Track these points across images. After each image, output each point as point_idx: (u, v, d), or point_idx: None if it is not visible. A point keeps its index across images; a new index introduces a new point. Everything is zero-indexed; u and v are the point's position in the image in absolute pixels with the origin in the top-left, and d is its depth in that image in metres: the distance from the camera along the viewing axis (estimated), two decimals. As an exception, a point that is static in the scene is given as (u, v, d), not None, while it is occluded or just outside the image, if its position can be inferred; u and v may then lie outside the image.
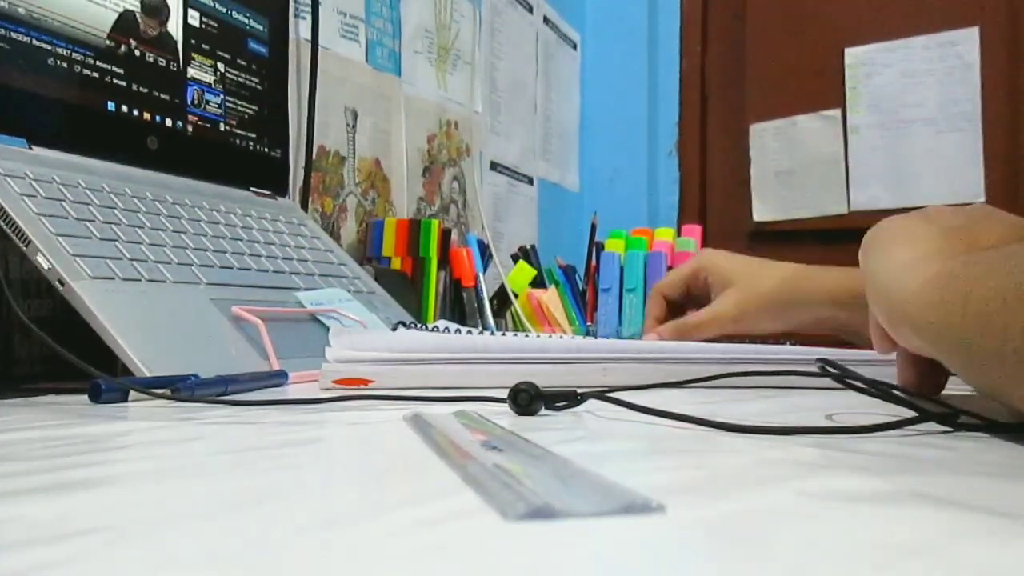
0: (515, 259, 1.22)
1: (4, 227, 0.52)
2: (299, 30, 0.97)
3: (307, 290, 0.70)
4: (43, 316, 0.59)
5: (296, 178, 0.95)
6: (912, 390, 0.43)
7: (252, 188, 0.80)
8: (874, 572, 0.16)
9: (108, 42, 0.65)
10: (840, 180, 1.68)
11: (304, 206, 0.94)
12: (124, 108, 0.67)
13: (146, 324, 0.52)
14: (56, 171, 0.58)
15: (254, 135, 0.81)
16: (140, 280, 0.55)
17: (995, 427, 0.34)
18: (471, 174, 1.37)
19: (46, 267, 0.51)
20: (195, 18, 0.74)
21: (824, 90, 1.69)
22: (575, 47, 1.85)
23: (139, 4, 0.68)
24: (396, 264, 1.01)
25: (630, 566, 0.16)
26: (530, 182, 1.62)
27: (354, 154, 1.09)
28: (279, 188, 0.85)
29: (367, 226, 1.07)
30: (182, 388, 0.43)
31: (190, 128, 0.73)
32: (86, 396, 0.43)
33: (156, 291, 0.56)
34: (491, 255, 1.12)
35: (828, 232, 1.64)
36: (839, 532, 0.19)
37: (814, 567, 0.17)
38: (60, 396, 0.48)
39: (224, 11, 0.77)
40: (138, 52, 0.68)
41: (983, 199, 1.55)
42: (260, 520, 0.20)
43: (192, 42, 0.73)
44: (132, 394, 0.45)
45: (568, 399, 0.39)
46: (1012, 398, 0.32)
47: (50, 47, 0.61)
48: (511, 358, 0.54)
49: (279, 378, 0.54)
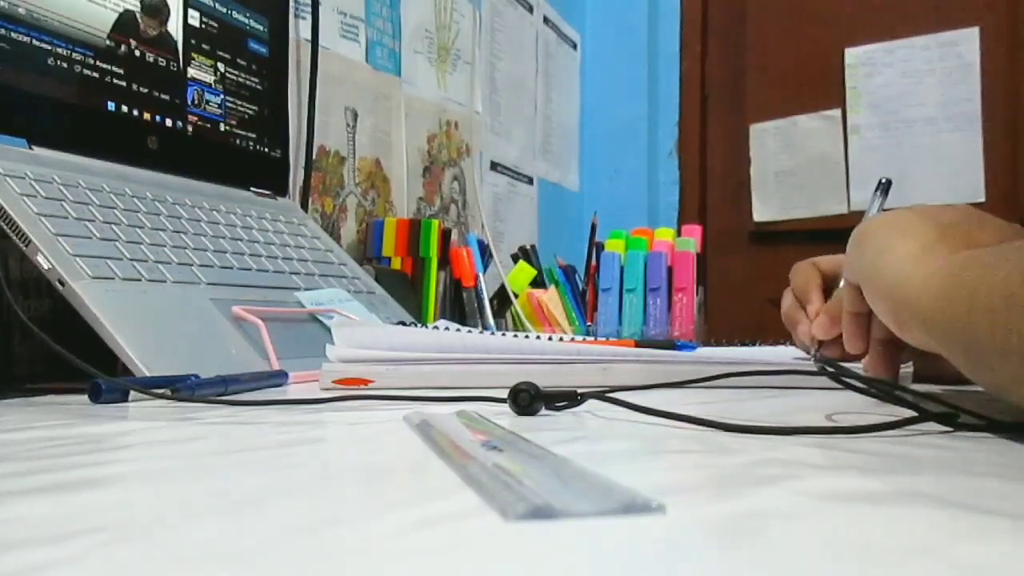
0: (515, 259, 1.22)
1: (4, 227, 0.52)
2: (299, 30, 0.97)
3: (307, 290, 0.70)
4: (43, 316, 0.59)
5: (296, 178, 0.95)
6: (883, 378, 0.44)
7: (252, 188, 0.80)
8: (874, 572, 0.16)
9: (108, 42, 0.65)
10: (840, 180, 1.68)
11: (304, 206, 0.94)
12: (124, 108, 0.67)
13: (146, 324, 0.52)
14: (56, 171, 0.58)
15: (254, 135, 0.81)
16: (140, 280, 0.55)
17: (995, 427, 0.34)
18: (471, 174, 1.37)
19: (46, 267, 0.51)
20: (195, 18, 0.74)
21: (824, 90, 1.69)
22: (575, 47, 1.85)
23: (139, 4, 0.68)
24: (396, 264, 1.01)
25: (630, 566, 0.16)
26: (530, 182, 1.62)
27: (354, 154, 1.09)
28: (279, 188, 0.85)
29: (367, 226, 1.07)
30: (182, 388, 0.43)
31: (190, 128, 0.73)
32: (86, 396, 0.43)
33: (156, 291, 0.56)
34: (491, 255, 1.12)
35: (828, 232, 1.63)
36: (839, 532, 0.19)
37: (814, 567, 0.17)
38: (60, 396, 0.48)
39: (224, 11, 0.77)
40: (138, 52, 0.68)
41: (983, 199, 1.55)
42: (260, 520, 0.20)
43: (192, 42, 0.73)
44: (132, 394, 0.45)
45: (568, 399, 0.39)
46: (1017, 395, 0.32)
47: (50, 47, 0.61)
48: (511, 358, 0.54)
49: (279, 378, 0.54)
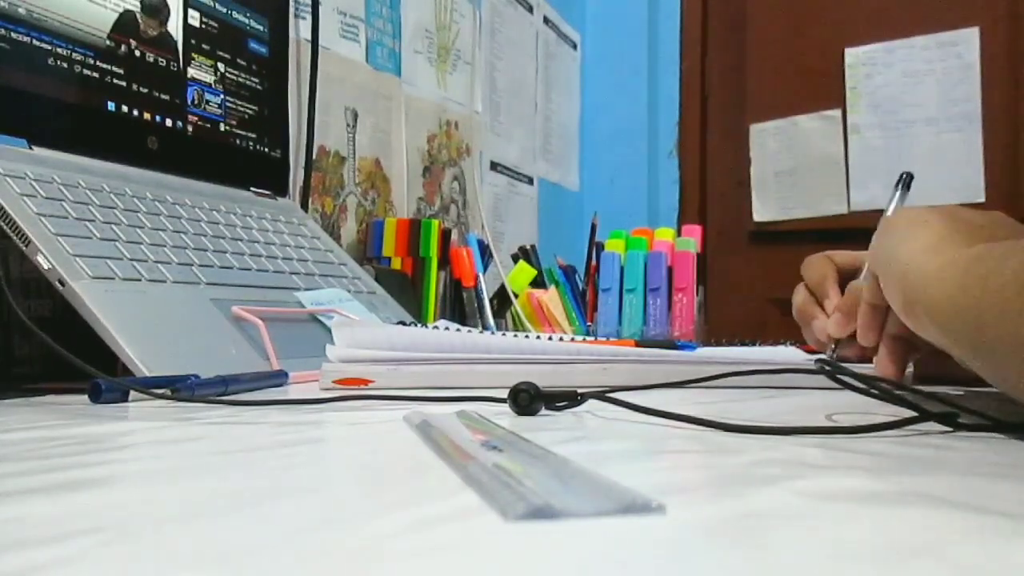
0: (515, 259, 1.22)
1: (4, 227, 0.52)
2: (299, 30, 0.97)
3: (307, 290, 0.70)
4: (43, 316, 0.59)
5: (296, 178, 0.95)
6: (892, 379, 0.44)
7: (252, 188, 0.80)
8: (874, 572, 0.16)
9: (108, 42, 0.65)
10: (840, 180, 1.68)
11: (304, 206, 0.94)
12: (124, 108, 0.67)
13: (146, 324, 0.52)
14: (56, 171, 0.58)
15: (254, 135, 0.81)
16: (140, 280, 0.55)
17: (995, 427, 0.34)
18: (471, 174, 1.36)
19: (46, 267, 0.51)
20: (195, 18, 0.74)
21: (824, 90, 1.69)
22: (575, 47, 1.85)
23: (139, 4, 0.68)
24: (396, 264, 1.01)
25: (630, 566, 0.16)
26: (530, 182, 1.62)
27: (354, 154, 1.09)
28: (279, 188, 0.85)
29: (367, 226, 1.07)
30: (182, 388, 0.43)
31: (190, 128, 0.73)
32: (86, 396, 0.43)
33: (156, 291, 0.56)
34: (491, 255, 1.12)
35: (828, 232, 1.63)
36: (839, 532, 0.19)
37: (814, 567, 0.17)
38: (60, 396, 0.48)
39: (224, 11, 0.77)
40: (138, 52, 0.68)
41: (983, 199, 1.55)
42: (260, 520, 0.20)
43: (192, 42, 0.73)
44: (132, 394, 0.45)
45: (568, 399, 0.39)
46: (1021, 386, 0.31)
47: (50, 47, 0.61)
48: (511, 358, 0.54)
49: (279, 378, 0.54)
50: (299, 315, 0.66)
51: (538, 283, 1.17)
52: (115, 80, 0.66)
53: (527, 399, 0.38)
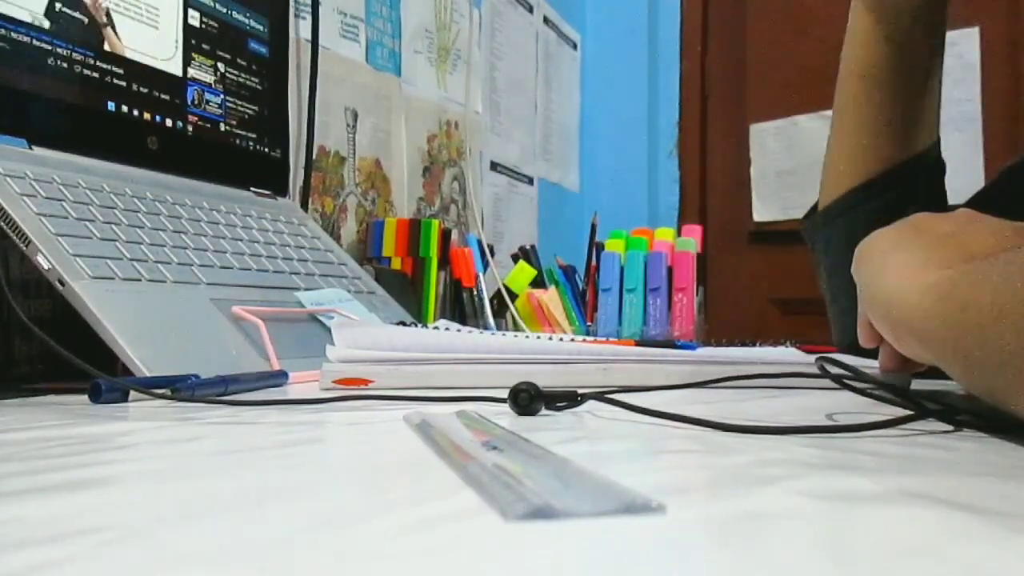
0: (515, 259, 1.22)
1: (4, 227, 0.52)
2: (299, 30, 0.97)
3: (307, 290, 0.70)
4: (43, 316, 0.59)
5: (296, 178, 0.95)
6: (895, 372, 0.44)
7: (252, 188, 0.80)
8: (874, 572, 0.16)
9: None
10: (840, 180, 1.68)
11: (304, 206, 0.94)
12: (124, 108, 0.67)
13: (146, 324, 0.52)
14: (56, 171, 0.58)
15: (254, 135, 0.81)
16: (140, 280, 0.55)
17: (995, 427, 0.34)
18: (471, 174, 1.36)
19: (46, 267, 0.51)
20: (195, 18, 0.74)
21: (824, 90, 1.67)
22: (575, 47, 1.85)
23: (139, 4, 0.68)
24: (396, 264, 1.01)
25: (630, 566, 0.16)
26: (530, 182, 1.62)
27: (354, 154, 1.09)
28: (279, 188, 0.85)
29: (367, 226, 1.07)
30: (182, 388, 0.43)
31: (190, 128, 0.73)
32: (86, 396, 0.43)
33: (156, 291, 0.56)
34: (491, 255, 1.12)
35: (828, 232, 1.63)
36: (839, 532, 0.19)
37: (814, 567, 0.17)
38: (60, 396, 0.48)
39: (224, 11, 0.77)
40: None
41: (983, 199, 1.55)
42: (260, 520, 0.20)
43: (192, 42, 0.73)
44: (132, 394, 0.45)
45: (568, 399, 0.39)
46: (1011, 406, 0.32)
47: (50, 47, 0.61)
48: (511, 358, 0.54)
49: (279, 378, 0.54)
50: (299, 315, 0.66)
51: (538, 283, 1.17)
52: (115, 80, 0.66)
53: (527, 399, 0.38)
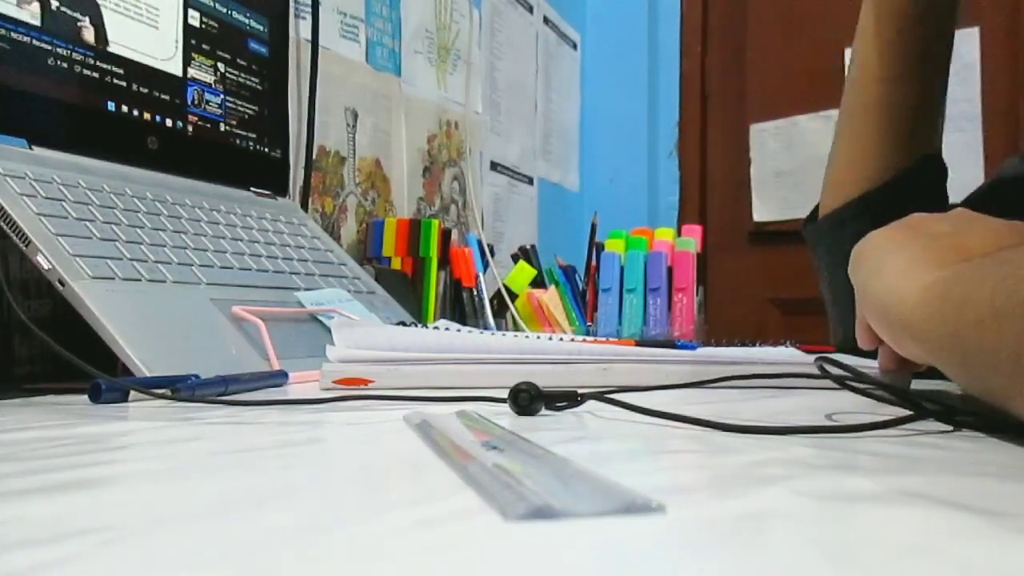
0: (515, 259, 1.22)
1: (4, 227, 0.52)
2: (299, 30, 0.97)
3: (307, 290, 0.70)
4: (43, 316, 0.59)
5: (296, 178, 0.95)
6: (894, 372, 0.44)
7: (252, 188, 0.80)
8: (873, 572, 0.16)
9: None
10: (840, 180, 1.68)
11: (304, 206, 0.94)
12: (124, 108, 0.67)
13: (146, 324, 0.52)
14: (56, 171, 0.58)
15: (254, 135, 0.81)
16: (140, 280, 0.55)
17: (994, 427, 0.34)
18: (471, 174, 1.37)
19: (46, 267, 0.51)
20: (195, 18, 0.74)
21: (824, 90, 1.69)
22: (575, 47, 1.85)
23: (139, 4, 0.68)
24: (396, 264, 1.01)
25: (630, 566, 0.16)
26: (530, 182, 1.62)
27: (354, 154, 1.09)
28: (279, 188, 0.85)
29: (367, 226, 1.07)
30: (182, 388, 0.43)
31: (190, 128, 0.73)
32: (86, 396, 0.43)
33: (156, 291, 0.56)
34: (491, 255, 1.12)
35: (828, 232, 1.63)
36: (839, 532, 0.19)
37: (814, 567, 0.17)
38: (60, 396, 0.48)
39: (224, 11, 0.77)
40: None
41: (983, 199, 1.55)
42: (260, 520, 0.20)
43: (192, 42, 0.73)
44: (132, 394, 0.45)
45: (568, 399, 0.39)
46: (1010, 406, 0.32)
47: (50, 47, 0.61)
48: (511, 358, 0.54)
49: (279, 378, 0.54)
50: (299, 315, 0.66)
51: (538, 283, 1.17)
52: (115, 80, 0.66)
53: (527, 399, 0.38)
